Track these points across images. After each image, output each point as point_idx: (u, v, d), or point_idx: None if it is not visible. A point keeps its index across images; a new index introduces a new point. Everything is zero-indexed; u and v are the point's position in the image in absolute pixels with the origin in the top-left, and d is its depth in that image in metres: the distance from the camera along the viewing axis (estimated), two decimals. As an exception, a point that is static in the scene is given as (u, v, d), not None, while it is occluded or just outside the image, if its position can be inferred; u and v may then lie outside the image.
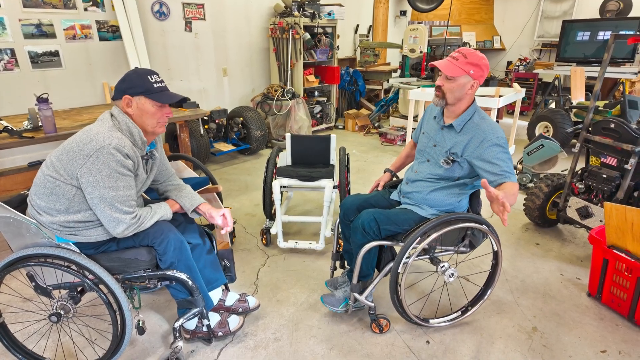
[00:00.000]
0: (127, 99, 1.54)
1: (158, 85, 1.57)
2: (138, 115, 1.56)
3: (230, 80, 5.11)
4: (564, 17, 6.55)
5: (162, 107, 1.59)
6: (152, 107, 1.56)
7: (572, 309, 2.08)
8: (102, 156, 1.43)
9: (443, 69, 1.68)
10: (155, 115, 1.57)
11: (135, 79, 1.54)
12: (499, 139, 1.66)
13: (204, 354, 1.77)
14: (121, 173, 1.48)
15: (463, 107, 1.74)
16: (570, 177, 2.58)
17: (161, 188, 1.85)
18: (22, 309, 2.04)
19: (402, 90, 5.33)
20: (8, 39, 3.37)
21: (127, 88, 1.54)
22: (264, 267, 2.44)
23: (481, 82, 1.70)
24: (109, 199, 1.47)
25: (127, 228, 1.51)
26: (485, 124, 1.71)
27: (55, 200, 1.50)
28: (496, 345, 1.84)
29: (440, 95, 1.74)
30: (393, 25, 7.47)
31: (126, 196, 1.50)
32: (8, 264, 1.51)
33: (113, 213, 1.48)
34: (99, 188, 1.45)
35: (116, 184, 1.47)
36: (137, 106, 1.55)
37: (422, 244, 1.68)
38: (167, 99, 1.58)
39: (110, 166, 1.45)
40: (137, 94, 1.53)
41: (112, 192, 1.47)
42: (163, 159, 1.83)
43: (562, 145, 4.20)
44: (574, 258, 2.54)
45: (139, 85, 1.53)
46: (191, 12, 4.47)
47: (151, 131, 1.61)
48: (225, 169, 4.19)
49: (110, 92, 4.03)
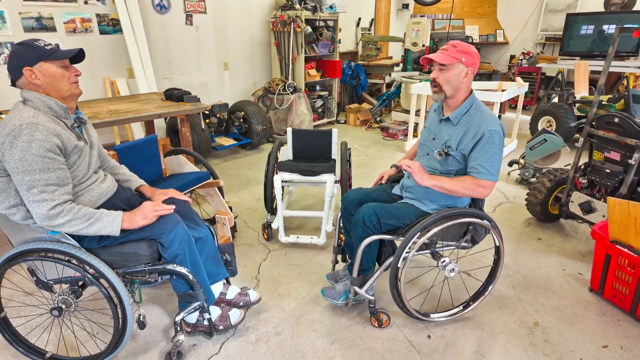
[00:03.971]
0: (27, 70, 1.42)
1: (50, 47, 1.47)
2: (47, 82, 1.45)
3: (232, 74, 5.08)
4: (568, 11, 6.48)
5: (66, 66, 1.50)
6: (57, 69, 1.46)
7: (573, 304, 2.08)
8: (14, 139, 1.35)
9: (435, 57, 1.68)
10: (64, 76, 1.48)
11: (25, 49, 1.43)
12: (491, 132, 1.65)
13: (206, 348, 1.78)
14: (36, 154, 1.35)
15: (461, 99, 1.74)
16: (573, 171, 2.57)
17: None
18: (23, 303, 2.05)
19: (404, 85, 5.30)
20: (8, 32, 3.35)
21: (22, 61, 1.42)
22: (265, 262, 2.44)
23: (475, 71, 1.70)
24: (24, 185, 1.36)
25: (42, 220, 1.39)
26: (480, 116, 1.70)
27: (6, 198, 1.45)
28: (497, 340, 1.84)
29: (437, 89, 1.73)
30: (395, 19, 7.41)
31: (44, 180, 1.37)
32: (9, 259, 1.51)
33: (31, 202, 1.38)
34: (15, 174, 1.36)
35: (30, 167, 1.35)
36: (42, 74, 1.44)
37: (423, 238, 1.67)
38: (65, 54, 1.48)
39: (23, 148, 1.34)
40: (35, 62, 1.43)
41: (26, 176, 1.36)
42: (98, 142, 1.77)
43: (565, 139, 4.17)
44: (575, 253, 2.53)
45: (32, 53, 1.42)
46: (192, 5, 4.44)
47: (68, 95, 1.51)
48: (227, 164, 4.19)
49: (110, 86, 4.02)
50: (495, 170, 1.67)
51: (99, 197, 1.62)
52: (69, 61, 1.53)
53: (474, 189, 1.68)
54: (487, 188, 1.68)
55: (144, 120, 2.90)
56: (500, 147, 1.67)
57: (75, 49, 1.51)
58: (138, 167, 2.04)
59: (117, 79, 4.06)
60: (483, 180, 1.67)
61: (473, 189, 1.68)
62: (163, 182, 2.33)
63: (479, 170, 1.67)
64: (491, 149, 1.66)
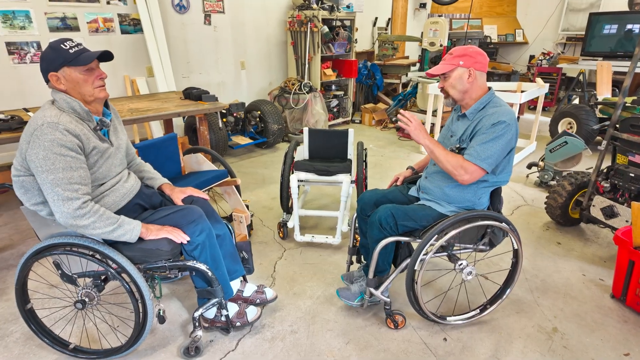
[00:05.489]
0: (53, 76, 1.47)
1: (75, 50, 1.47)
2: (71, 87, 1.49)
3: (248, 73, 5.12)
4: (590, 10, 6.33)
5: (89, 70, 1.50)
6: (79, 74, 1.48)
7: (594, 310, 2.04)
8: (37, 139, 1.38)
9: (433, 71, 1.77)
10: (87, 81, 1.50)
11: (50, 53, 1.46)
12: (498, 122, 1.63)
13: (222, 344, 1.80)
14: (58, 153, 1.38)
15: (474, 97, 1.75)
16: (595, 175, 2.51)
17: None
18: (48, 295, 2.11)
19: (421, 85, 5.26)
20: (34, 32, 3.45)
21: (47, 66, 1.47)
22: (281, 260, 2.46)
23: (479, 68, 1.71)
24: (48, 184, 1.39)
25: (66, 219, 1.41)
26: (494, 110, 1.69)
27: (32, 196, 1.49)
28: (515, 344, 1.82)
29: (446, 95, 1.80)
30: (412, 19, 7.36)
31: (68, 178, 1.40)
32: (36, 252, 1.56)
33: (55, 201, 1.40)
34: (38, 173, 1.39)
35: (54, 166, 1.38)
36: (66, 79, 1.48)
37: (440, 241, 1.66)
38: (87, 59, 1.47)
39: (45, 147, 1.37)
40: (59, 67, 1.46)
41: (50, 175, 1.38)
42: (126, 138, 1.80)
43: (586, 142, 4.08)
44: (596, 258, 2.48)
45: (56, 57, 1.45)
46: (210, 5, 4.49)
47: (93, 99, 1.53)
48: (243, 162, 4.23)
49: (130, 85, 4.10)
50: (485, 156, 1.63)
51: (122, 198, 1.66)
52: (98, 61, 1.56)
53: (456, 168, 1.67)
54: (468, 172, 1.65)
55: (163, 119, 2.95)
56: (503, 137, 1.63)
57: (96, 53, 1.51)
58: (158, 165, 2.07)
59: (137, 77, 4.13)
60: (468, 162, 1.65)
61: (454, 168, 1.67)
62: (182, 180, 2.37)
63: (469, 152, 1.67)
64: (490, 136, 1.64)
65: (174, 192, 1.85)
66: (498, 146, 1.64)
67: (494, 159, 1.65)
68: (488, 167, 1.66)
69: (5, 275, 2.29)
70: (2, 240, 2.66)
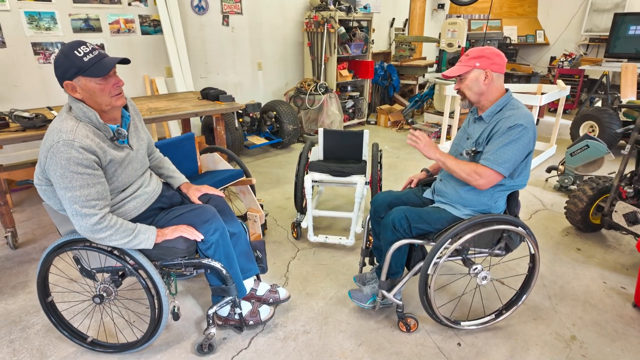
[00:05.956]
0: (68, 85, 1.41)
1: (89, 57, 1.39)
2: (87, 97, 1.43)
3: (265, 74, 5.16)
4: (615, 10, 6.15)
5: (105, 79, 1.43)
6: (95, 84, 1.41)
7: (615, 319, 1.98)
8: (53, 155, 1.36)
9: (449, 73, 1.75)
10: (104, 91, 1.43)
11: (64, 61, 1.39)
12: (515, 125, 1.61)
13: (235, 342, 1.82)
14: (75, 172, 1.37)
15: (491, 99, 1.73)
16: (618, 180, 2.44)
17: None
18: (67, 289, 2.16)
19: (438, 86, 5.20)
20: (59, 32, 3.55)
21: (62, 74, 1.40)
22: (294, 260, 2.47)
23: (496, 70, 1.68)
24: (66, 200, 1.40)
25: (84, 232, 1.44)
26: (511, 113, 1.66)
27: (55, 203, 1.52)
28: (531, 351, 1.78)
29: (462, 96, 1.79)
30: (430, 19, 7.29)
31: (85, 195, 1.39)
32: (57, 247, 1.61)
33: (73, 215, 1.42)
34: (58, 189, 1.40)
35: (71, 184, 1.37)
36: (82, 88, 1.41)
37: (454, 245, 1.64)
38: (104, 69, 1.40)
39: (62, 165, 1.36)
40: (73, 77, 1.39)
41: (68, 192, 1.38)
42: (145, 130, 1.76)
43: (609, 146, 3.97)
44: (618, 266, 2.41)
45: (70, 66, 1.38)
46: (229, 6, 4.54)
47: (109, 108, 1.48)
48: (258, 162, 4.26)
49: (150, 84, 4.18)
50: (502, 161, 1.61)
51: (144, 203, 1.66)
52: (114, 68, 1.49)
53: (470, 174, 1.65)
54: (483, 177, 1.64)
55: (181, 119, 2.99)
56: (520, 141, 1.61)
57: (113, 61, 1.44)
58: (175, 163, 2.10)
59: (156, 77, 4.21)
60: (484, 167, 1.64)
61: (469, 174, 1.66)
62: (199, 179, 2.40)
63: (485, 157, 1.65)
64: (506, 139, 1.61)
65: (190, 190, 1.88)
66: (515, 150, 1.61)
67: (510, 163, 1.62)
68: (505, 172, 1.63)
69: (28, 268, 2.36)
70: (26, 234, 2.75)
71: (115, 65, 1.45)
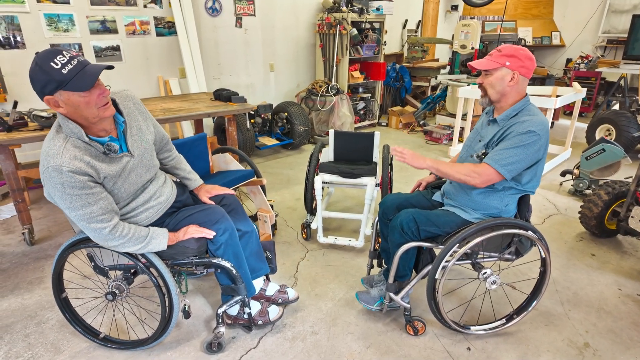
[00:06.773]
0: (49, 100, 1.29)
1: (68, 67, 1.25)
2: (72, 111, 1.31)
3: (277, 75, 5.19)
4: (634, 12, 6.03)
5: (89, 90, 1.29)
6: (79, 97, 1.28)
7: (630, 327, 1.93)
8: (47, 181, 1.33)
9: (477, 64, 1.67)
10: (89, 104, 1.30)
11: (40, 74, 1.25)
12: (526, 130, 1.57)
13: (244, 341, 1.83)
14: (72, 194, 1.33)
15: (510, 102, 1.68)
16: (635, 184, 2.39)
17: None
18: (81, 286, 2.21)
19: (451, 88, 5.16)
20: (76, 34, 3.63)
21: (41, 89, 1.27)
22: (304, 261, 2.48)
23: (523, 74, 1.63)
24: (73, 217, 1.41)
25: (98, 241, 1.46)
26: (526, 119, 1.61)
27: None
28: (543, 358, 1.75)
29: (483, 93, 1.72)
30: (443, 21, 7.24)
31: (88, 213, 1.37)
32: (71, 244, 1.64)
33: (85, 229, 1.43)
34: (62, 209, 1.39)
35: (72, 205, 1.35)
36: (65, 102, 1.29)
37: (463, 248, 1.62)
38: (87, 82, 1.27)
39: (59, 189, 1.33)
40: (54, 91, 1.27)
41: (72, 212, 1.38)
42: (154, 122, 1.67)
43: (626, 150, 3.89)
44: (634, 272, 2.36)
45: (48, 80, 1.25)
46: (242, 8, 4.59)
47: (96, 121, 1.36)
48: (269, 163, 4.28)
49: (164, 85, 4.24)
50: (506, 162, 1.57)
51: (156, 213, 1.66)
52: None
53: (469, 173, 1.62)
54: (482, 175, 1.60)
55: (194, 119, 3.03)
56: (530, 147, 1.57)
57: (95, 71, 1.29)
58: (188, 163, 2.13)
59: (170, 78, 4.27)
60: (484, 165, 1.60)
61: (467, 174, 1.62)
62: (210, 179, 2.43)
63: (489, 156, 1.62)
64: (516, 143, 1.57)
65: (200, 191, 1.90)
66: (522, 155, 1.58)
67: (514, 167, 1.59)
68: (507, 174, 1.59)
69: (44, 264, 2.42)
70: (42, 231, 2.82)
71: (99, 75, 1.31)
